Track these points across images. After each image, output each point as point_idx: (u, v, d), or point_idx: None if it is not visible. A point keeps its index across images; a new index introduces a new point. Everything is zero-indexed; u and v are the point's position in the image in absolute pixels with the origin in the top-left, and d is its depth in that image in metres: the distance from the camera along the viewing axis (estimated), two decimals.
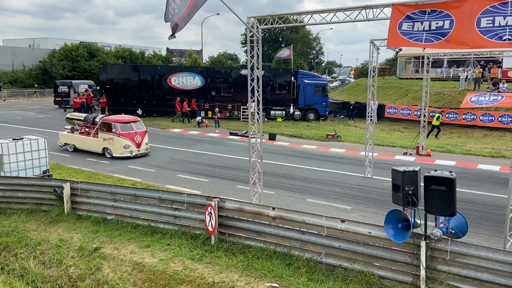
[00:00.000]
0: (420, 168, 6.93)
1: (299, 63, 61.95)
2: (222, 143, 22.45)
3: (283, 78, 32.23)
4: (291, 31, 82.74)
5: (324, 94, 32.50)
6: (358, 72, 62.68)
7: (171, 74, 32.13)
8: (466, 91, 28.68)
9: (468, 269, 6.52)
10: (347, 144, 22.70)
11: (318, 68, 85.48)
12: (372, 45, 14.64)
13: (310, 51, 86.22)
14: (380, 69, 53.50)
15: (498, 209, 11.29)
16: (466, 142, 22.99)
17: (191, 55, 56.51)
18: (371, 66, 15.13)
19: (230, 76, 32.35)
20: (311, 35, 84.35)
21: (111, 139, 17.56)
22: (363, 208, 11.52)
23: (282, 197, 12.51)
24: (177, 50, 74.48)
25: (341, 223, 7.63)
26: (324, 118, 32.59)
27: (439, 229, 6.64)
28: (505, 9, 6.64)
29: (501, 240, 8.24)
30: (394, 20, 7.61)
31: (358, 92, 42.12)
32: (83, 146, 18.63)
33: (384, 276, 7.08)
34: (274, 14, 9.27)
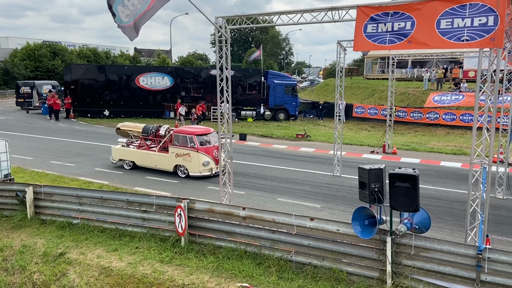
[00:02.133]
0: (386, 166, 7.12)
1: (269, 64, 62.27)
2: None
3: (253, 78, 32.32)
4: (260, 32, 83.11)
5: (294, 94, 32.82)
6: (327, 73, 63.68)
7: (139, 74, 31.58)
8: (429, 91, 29.65)
9: (432, 263, 6.74)
10: (316, 143, 23.01)
11: (288, 69, 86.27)
12: (339, 46, 14.91)
13: (280, 52, 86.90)
14: (348, 69, 54.60)
15: (460, 204, 11.73)
16: (430, 140, 23.78)
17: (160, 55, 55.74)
18: (338, 67, 15.40)
19: (200, 76, 32.15)
20: (281, 36, 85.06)
21: (187, 155, 14.41)
22: (332, 206, 11.71)
23: (252, 197, 12.54)
24: (145, 50, 73.26)
25: (310, 221, 7.71)
26: (294, 118, 32.91)
27: (403, 225, 6.84)
28: (463, 12, 6.91)
29: (463, 234, 8.56)
30: (359, 22, 7.77)
31: (327, 92, 42.78)
32: (147, 162, 15.42)
33: (352, 272, 7.22)
34: (243, 14, 9.28)
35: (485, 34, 6.76)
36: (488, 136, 7.24)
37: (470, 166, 7.31)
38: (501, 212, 11.23)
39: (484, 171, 7.18)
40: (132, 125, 17.02)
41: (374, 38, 7.71)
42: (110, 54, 53.31)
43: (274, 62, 70.56)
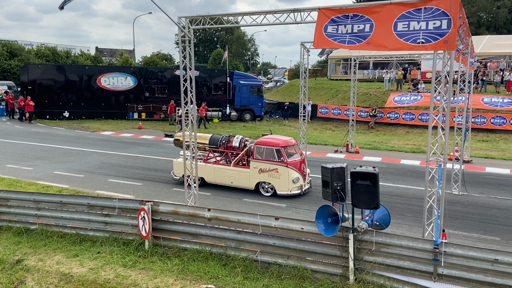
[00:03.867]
0: (347, 165, 7.30)
1: (235, 64, 62.25)
2: (157, 145, 21.91)
3: (218, 79, 32.22)
4: (226, 32, 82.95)
5: (259, 95, 32.98)
6: (292, 73, 64.37)
7: (101, 74, 30.76)
8: (390, 91, 30.68)
9: (392, 258, 6.96)
10: None
11: (254, 69, 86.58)
12: (303, 47, 15.13)
13: (246, 52, 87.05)
14: (312, 70, 55.45)
15: (418, 201, 12.16)
16: (391, 139, 24.54)
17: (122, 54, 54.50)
18: (302, 68, 15.62)
19: (164, 76, 31.70)
20: (246, 37, 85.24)
21: (274, 170, 12.42)
22: (297, 205, 11.85)
23: (218, 198, 12.49)
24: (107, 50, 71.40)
25: (275, 220, 7.78)
26: (260, 119, 33.07)
27: (365, 222, 7.03)
28: (418, 15, 7.18)
29: (421, 230, 8.89)
30: (320, 23, 7.91)
31: (292, 93, 43.23)
32: (221, 179, 13.34)
33: (316, 269, 7.34)
34: (206, 14, 9.23)
35: (439, 37, 7.05)
36: (443, 134, 7.56)
37: (427, 163, 7.61)
38: (456, 208, 11.75)
39: (440, 168, 7.49)
40: None
41: (334, 37, 7.86)
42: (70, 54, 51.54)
43: (240, 63, 70.60)
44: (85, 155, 18.50)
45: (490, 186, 14.04)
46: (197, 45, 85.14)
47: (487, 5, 54.55)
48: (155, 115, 31.48)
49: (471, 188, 13.27)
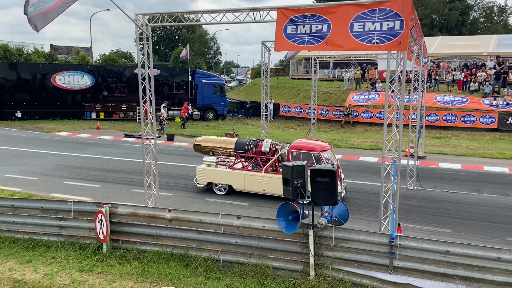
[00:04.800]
0: (307, 162, 7.41)
1: (197, 63, 61.62)
2: (116, 145, 21.34)
3: (180, 77, 31.81)
4: (187, 30, 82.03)
5: (222, 94, 32.86)
6: (255, 72, 64.58)
7: (56, 72, 29.57)
8: (349, 90, 31.46)
9: (350, 253, 7.14)
10: None
11: (216, 68, 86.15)
12: (264, 47, 15.20)
13: (208, 51, 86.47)
14: (275, 69, 55.91)
15: (376, 196, 12.47)
16: (350, 137, 25.17)
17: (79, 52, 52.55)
18: (264, 67, 15.71)
19: (123, 75, 30.92)
20: (208, 35, 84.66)
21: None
22: (260, 204, 11.90)
23: (180, 198, 12.34)
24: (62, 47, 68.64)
25: (237, 219, 7.78)
26: (223, 118, 32.96)
27: (324, 218, 7.17)
28: (373, 16, 7.39)
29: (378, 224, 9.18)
30: (279, 23, 7.98)
31: (255, 92, 43.37)
32: (251, 186, 12.39)
33: (278, 267, 7.41)
34: (164, 12, 9.08)
35: (393, 37, 7.29)
36: (397, 132, 7.84)
37: (382, 160, 7.87)
38: (411, 202, 12.23)
39: (395, 164, 7.76)
40: (218, 140, 13.49)
41: (293, 39, 7.96)
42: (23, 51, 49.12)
43: (202, 62, 69.93)
44: (40, 156, 17.72)
45: (443, 181, 14.71)
46: (158, 43, 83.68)
47: (439, 7, 57.07)
48: (114, 115, 30.64)
49: (425, 183, 13.85)
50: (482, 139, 23.15)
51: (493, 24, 61.90)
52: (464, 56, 32.65)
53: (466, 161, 18.02)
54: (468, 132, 24.36)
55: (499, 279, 6.30)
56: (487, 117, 24.39)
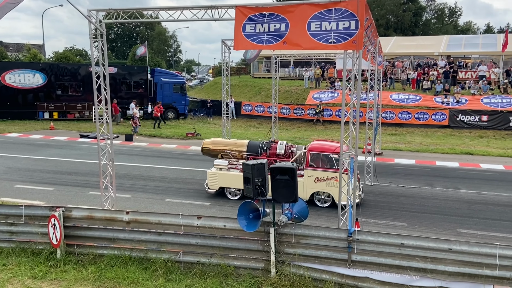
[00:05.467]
0: (267, 160, 7.44)
1: (156, 61, 60.45)
2: (71, 146, 20.54)
3: (139, 76, 31.06)
4: (146, 28, 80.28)
5: (183, 93, 32.40)
6: (216, 71, 64.22)
7: (5, 71, 28.05)
8: (309, 89, 31.96)
9: (311, 249, 7.24)
10: None
11: (177, 67, 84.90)
12: (224, 45, 15.13)
13: (168, 49, 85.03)
14: (236, 68, 55.82)
15: None
16: (311, 135, 25.55)
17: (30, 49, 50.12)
18: (224, 65, 15.64)
19: (78, 73, 29.76)
20: (168, 33, 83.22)
21: (333, 179, 11.13)
22: (221, 203, 11.84)
23: (139, 200, 12.05)
24: (13, 44, 65.18)
25: (197, 219, 7.70)
26: (184, 117, 32.51)
27: (284, 215, 7.23)
28: (329, 16, 7.52)
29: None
30: (238, 21, 7.95)
31: (216, 90, 43.14)
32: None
33: (239, 265, 7.40)
34: (119, 8, 8.80)
35: (348, 37, 7.46)
36: (354, 129, 8.03)
37: (340, 157, 8.03)
38: (369, 197, 12.59)
39: (352, 161, 7.95)
40: (228, 142, 13.01)
41: (252, 37, 7.96)
42: None
43: (162, 60, 68.72)
44: None
45: (398, 176, 15.25)
46: (115, 40, 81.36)
47: (394, 8, 59.13)
48: (68, 115, 29.47)
49: (382, 179, 14.30)
50: (435, 135, 24.23)
51: (444, 25, 64.96)
52: (417, 55, 34.03)
53: (419, 157, 18.78)
54: (421, 129, 25.41)
55: (450, 270, 6.59)
56: (438, 114, 25.55)
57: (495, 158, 18.45)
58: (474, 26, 72.71)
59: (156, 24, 75.84)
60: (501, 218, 10.91)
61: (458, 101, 25.93)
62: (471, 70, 30.25)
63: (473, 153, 19.40)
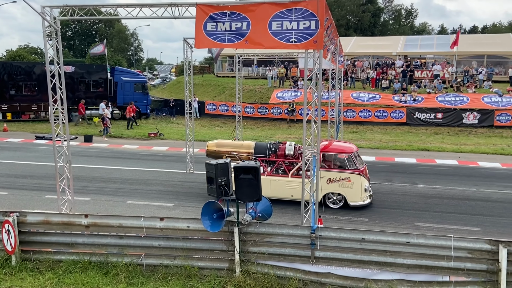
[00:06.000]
0: (231, 160, 7.41)
1: (116, 60, 58.87)
2: (26, 148, 19.62)
3: (98, 75, 30.12)
4: (105, 25, 77.97)
5: (144, 92, 31.71)
6: (179, 70, 63.35)
7: None
8: (273, 88, 32.15)
9: (275, 247, 7.29)
10: (170, 141, 22.74)
11: (138, 65, 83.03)
12: (186, 44, 14.93)
13: (128, 47, 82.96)
14: (200, 67, 55.31)
15: None
16: (275, 134, 25.74)
17: None
18: (186, 64, 15.44)
19: (33, 72, 28.45)
20: (128, 31, 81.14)
21: (346, 179, 11.23)
22: (185, 204, 11.70)
23: (99, 203, 11.69)
24: None
25: (160, 221, 7.58)
26: (146, 117, 31.84)
27: (248, 214, 7.22)
28: (290, 15, 7.59)
29: None
30: (199, 20, 7.87)
31: (179, 90, 42.51)
32: (278, 192, 11.50)
33: (204, 266, 7.34)
34: (74, 4, 8.48)
35: (309, 36, 7.55)
36: (316, 127, 8.14)
37: (303, 155, 8.12)
38: None
39: (314, 159, 8.07)
40: (234, 144, 12.65)
41: (214, 36, 7.90)
42: None
43: (122, 58, 66.96)
44: None
45: None
46: (73, 38, 78.58)
47: (354, 9, 60.64)
48: (23, 115, 28.15)
49: None
50: (393, 132, 25.04)
51: (401, 26, 67.26)
52: (376, 55, 35.02)
53: (379, 153, 19.34)
54: (381, 126, 26.18)
55: (408, 262, 6.84)
56: (397, 112, 26.41)
57: (450, 153, 19.30)
58: (429, 27, 75.89)
59: (115, 22, 73.85)
60: (456, 211, 11.43)
61: (415, 100, 26.91)
62: (427, 70, 31.50)
63: (429, 149, 20.21)
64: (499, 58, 31.85)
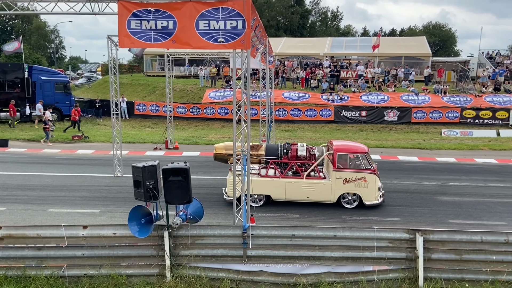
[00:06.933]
0: (159, 162, 7.18)
1: (35, 58, 54.70)
2: None
3: (13, 74, 27.81)
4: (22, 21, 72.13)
5: (67, 92, 29.80)
6: (105, 69, 60.43)
7: None
8: (205, 87, 31.89)
9: (207, 249, 7.21)
10: (96, 144, 21.63)
11: (60, 64, 77.87)
12: (111, 41, 14.27)
13: (49, 45, 77.47)
14: (128, 66, 53.33)
15: None
16: (209, 134, 25.56)
17: None
18: (111, 63, 14.77)
19: None
20: (48, 27, 75.70)
21: (362, 179, 11.22)
22: (113, 209, 11.17)
23: (16, 212, 10.77)
24: None
25: (83, 229, 7.17)
26: (69, 118, 29.94)
27: (179, 217, 7.07)
28: (217, 15, 7.52)
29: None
30: (121, 17, 7.52)
31: (106, 89, 40.51)
32: (293, 195, 11.36)
33: (132, 274, 7.06)
34: None
35: (236, 36, 7.55)
36: (246, 127, 8.18)
37: (233, 154, 8.12)
38: None
39: (244, 158, 8.10)
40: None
41: (139, 35, 7.61)
42: None
43: (42, 57, 62.37)
44: None
45: None
46: None
47: (283, 10, 62.02)
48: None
49: None
50: (322, 130, 26.03)
51: (328, 28, 70.05)
52: (305, 56, 36.18)
53: None
54: (311, 125, 27.09)
55: (336, 255, 7.12)
56: (325, 110, 27.50)
57: (373, 149, 20.45)
58: (353, 29, 79.85)
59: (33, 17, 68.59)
60: None
61: (341, 98, 28.21)
62: (352, 70, 33.17)
63: None
64: (415, 59, 34.47)
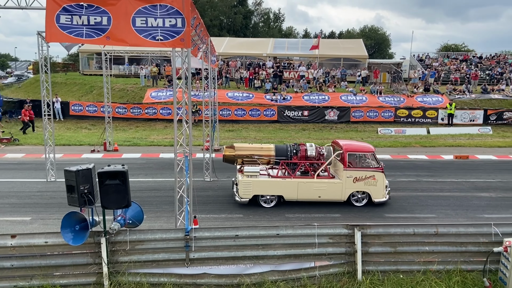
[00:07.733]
0: (95, 165, 6.82)
1: None
2: None
3: None
4: None
5: None
6: (37, 67, 56.78)
7: None
8: (146, 87, 30.97)
9: (147, 254, 6.97)
10: (27, 147, 20.23)
11: None
12: (41, 37, 13.39)
13: None
14: (63, 64, 50.49)
15: None
16: (150, 135, 24.86)
17: None
18: (42, 60, 13.87)
19: None
20: None
21: (371, 177, 11.53)
22: (45, 216, 10.49)
23: None
24: None
25: (11, 239, 6.68)
26: None
27: (117, 222, 6.77)
28: (155, 12, 7.28)
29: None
30: (50, 11, 7.06)
31: (37, 89, 37.93)
32: (305, 194, 11.55)
33: (67, 284, 6.67)
34: None
35: (176, 34, 7.37)
36: (187, 127, 8.02)
37: (174, 155, 7.93)
38: (208, 193, 12.86)
39: (186, 159, 7.93)
40: (253, 147, 12.19)
41: (69, 30, 7.18)
42: None
43: None
44: None
45: (236, 171, 15.99)
46: None
47: (226, 10, 61.90)
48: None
49: (220, 174, 14.77)
50: (266, 129, 26.32)
51: (270, 29, 70.91)
52: (249, 56, 36.38)
53: None
54: (255, 124, 27.27)
55: (279, 253, 7.19)
56: (269, 110, 27.82)
57: None
58: (295, 31, 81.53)
59: None
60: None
61: (284, 98, 28.69)
62: (294, 70, 33.86)
63: None
64: (353, 61, 35.92)
